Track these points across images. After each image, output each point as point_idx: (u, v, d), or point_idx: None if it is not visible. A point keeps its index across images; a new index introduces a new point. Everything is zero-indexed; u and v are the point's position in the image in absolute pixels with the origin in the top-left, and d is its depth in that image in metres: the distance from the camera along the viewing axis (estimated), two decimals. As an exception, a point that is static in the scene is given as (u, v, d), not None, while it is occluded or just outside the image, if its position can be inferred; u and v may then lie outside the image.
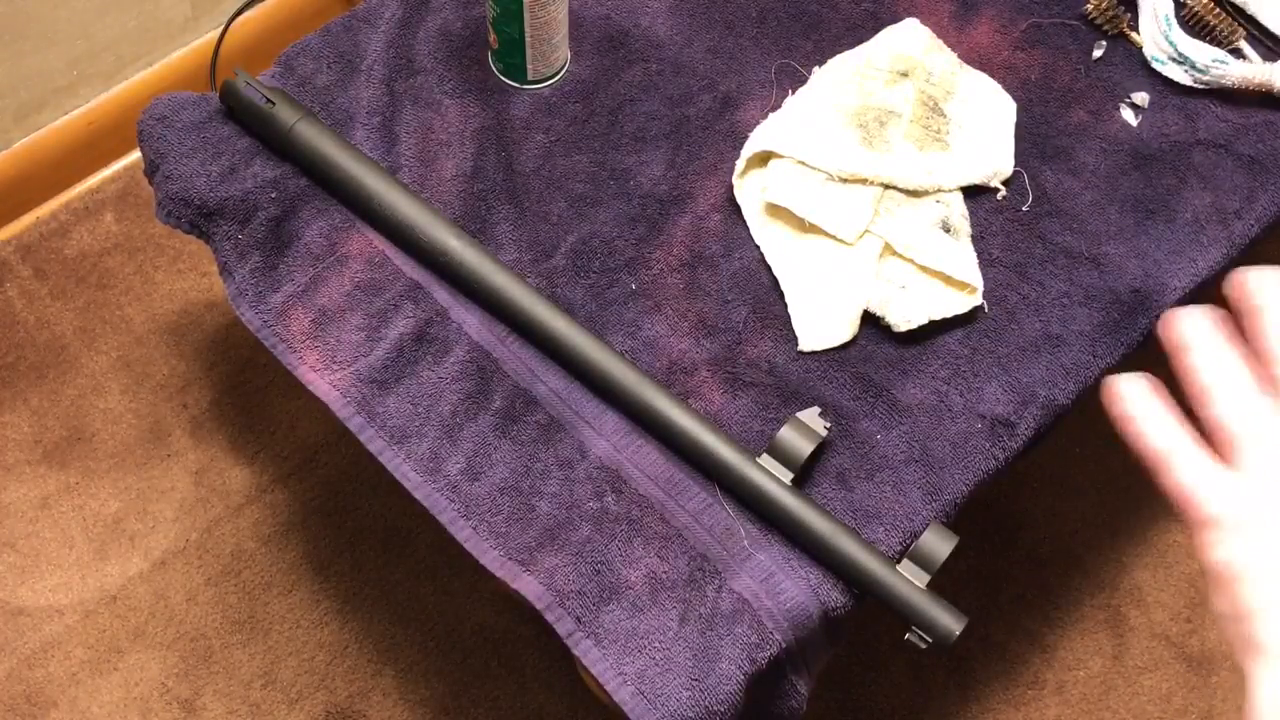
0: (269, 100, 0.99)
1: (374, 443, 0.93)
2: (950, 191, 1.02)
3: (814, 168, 1.00)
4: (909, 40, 1.07)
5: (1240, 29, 1.11)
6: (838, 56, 1.09)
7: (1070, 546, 1.34)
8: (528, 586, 0.87)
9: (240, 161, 1.01)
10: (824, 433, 0.89)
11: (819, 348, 0.96)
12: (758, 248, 1.00)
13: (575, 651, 0.85)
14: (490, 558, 0.88)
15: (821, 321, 0.97)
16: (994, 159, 1.04)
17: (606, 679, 0.84)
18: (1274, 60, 1.10)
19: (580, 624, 0.85)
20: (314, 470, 1.31)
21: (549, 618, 0.86)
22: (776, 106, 1.07)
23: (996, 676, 1.27)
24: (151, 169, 1.03)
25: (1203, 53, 1.08)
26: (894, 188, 1.00)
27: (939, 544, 0.88)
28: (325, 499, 1.30)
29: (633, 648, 0.85)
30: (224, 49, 1.40)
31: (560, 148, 1.05)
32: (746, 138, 1.04)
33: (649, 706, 0.83)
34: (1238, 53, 1.11)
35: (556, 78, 1.08)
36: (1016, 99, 1.08)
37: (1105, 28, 1.12)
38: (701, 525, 0.89)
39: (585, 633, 0.85)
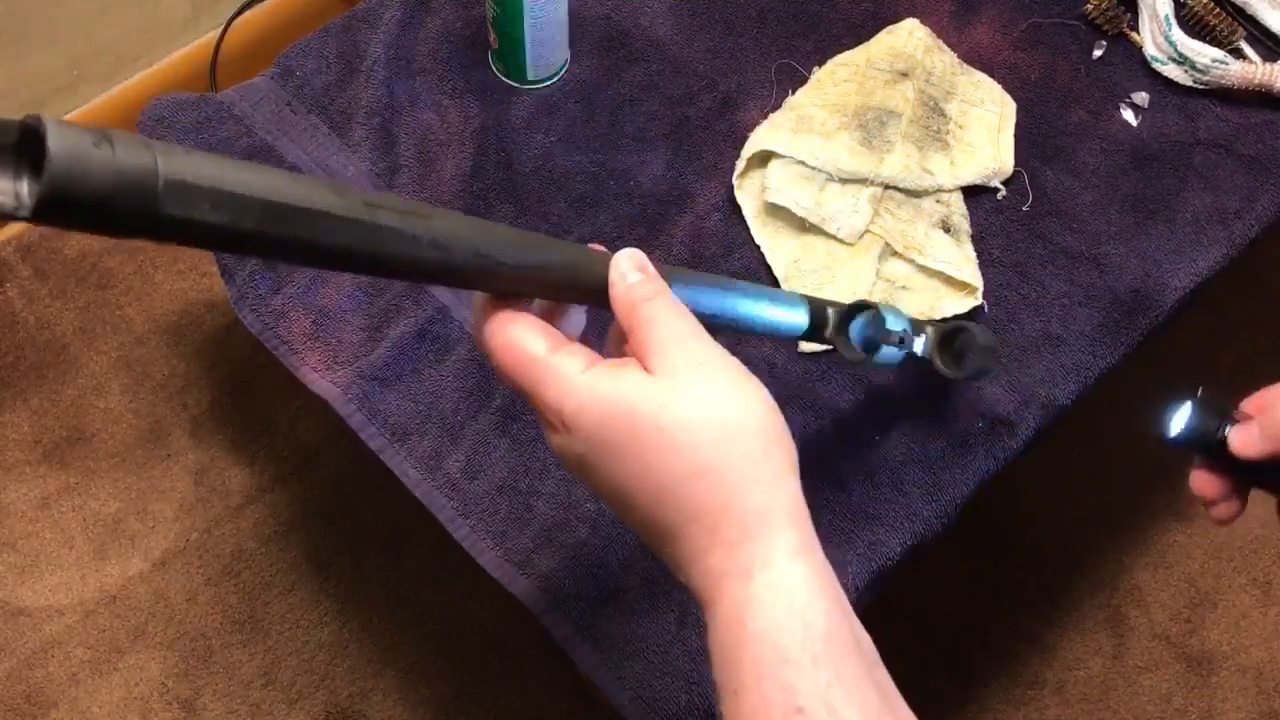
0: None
1: (375, 440, 0.93)
2: (950, 191, 1.02)
3: (814, 168, 1.00)
4: (909, 40, 1.07)
5: (1240, 29, 1.11)
6: (838, 56, 1.08)
7: (1070, 546, 1.34)
8: (524, 590, 0.87)
9: (240, 162, 1.01)
10: None
11: (819, 348, 0.96)
12: (757, 247, 1.00)
13: (573, 656, 0.85)
14: (488, 558, 0.88)
15: (821, 322, 0.96)
16: (994, 159, 1.04)
17: (604, 683, 0.84)
18: (1274, 60, 1.10)
19: (577, 628, 0.85)
20: (314, 470, 1.31)
21: (545, 622, 0.86)
22: (776, 106, 1.07)
23: (996, 676, 1.27)
24: (151, 169, 1.03)
25: (1203, 53, 1.08)
26: (894, 187, 1.00)
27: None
28: (325, 499, 1.30)
29: (630, 651, 0.84)
30: (224, 49, 1.40)
31: (560, 148, 1.05)
32: (746, 138, 1.04)
33: (648, 710, 0.83)
34: (1238, 53, 1.11)
35: (556, 78, 1.08)
36: (1016, 99, 1.08)
37: (1105, 28, 1.12)
38: (701, 525, 0.89)
39: (583, 637, 0.85)
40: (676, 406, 0.50)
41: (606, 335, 0.60)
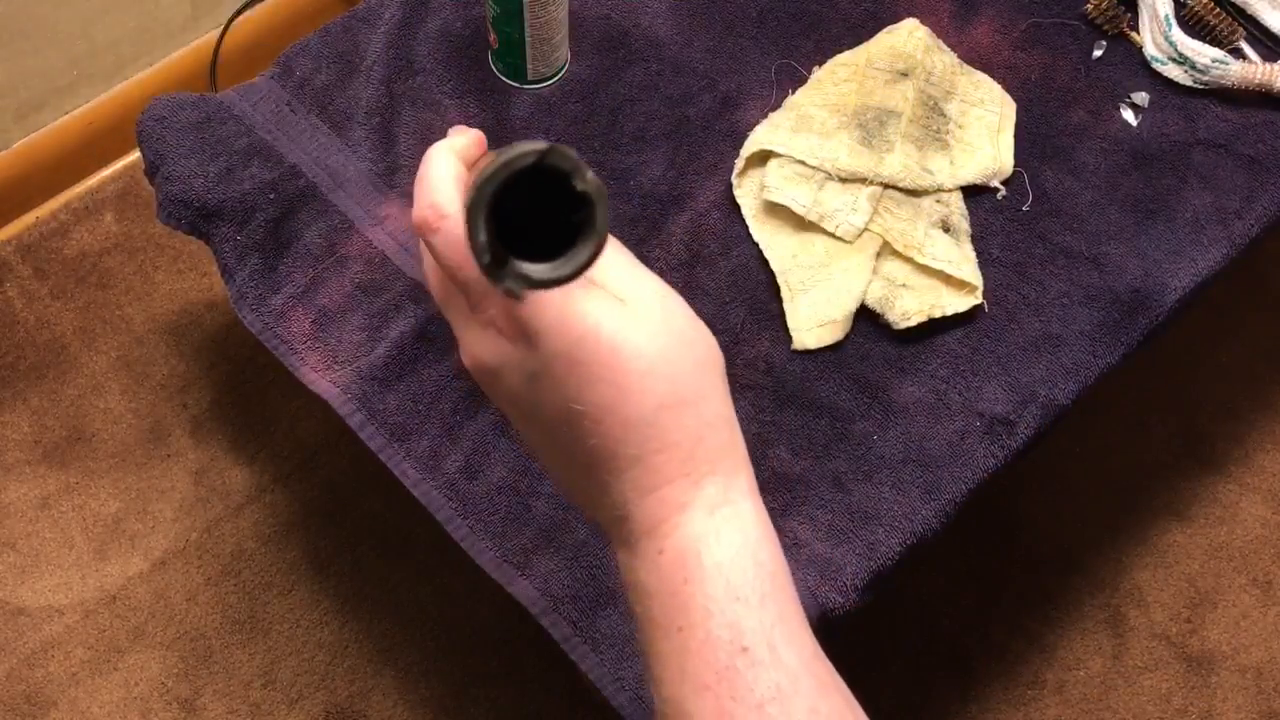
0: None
1: (374, 440, 0.93)
2: (950, 191, 1.02)
3: (813, 167, 1.00)
4: (909, 40, 1.07)
5: (1240, 29, 1.11)
6: (838, 56, 1.08)
7: (1070, 546, 1.34)
8: (523, 591, 0.87)
9: (238, 162, 1.01)
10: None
11: (811, 346, 0.96)
12: (756, 245, 1.00)
13: (572, 657, 0.85)
14: (486, 558, 0.88)
15: (815, 321, 0.96)
16: (994, 159, 1.04)
17: (603, 685, 0.84)
18: (1274, 60, 1.10)
19: (576, 629, 0.85)
20: (314, 470, 1.31)
21: (544, 623, 0.86)
22: (776, 106, 1.07)
23: (996, 676, 1.27)
24: (152, 170, 1.03)
25: (1203, 53, 1.08)
26: (894, 187, 1.00)
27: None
28: (325, 499, 1.30)
29: (629, 652, 0.84)
30: (224, 49, 1.40)
31: (560, 148, 1.05)
32: (746, 137, 1.04)
33: (647, 711, 0.83)
34: (1238, 53, 1.11)
35: (556, 78, 1.08)
36: (1016, 99, 1.08)
37: (1105, 28, 1.12)
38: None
39: (581, 638, 0.85)
40: (657, 337, 0.48)
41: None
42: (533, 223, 0.44)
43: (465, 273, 0.48)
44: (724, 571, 0.48)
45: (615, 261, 0.50)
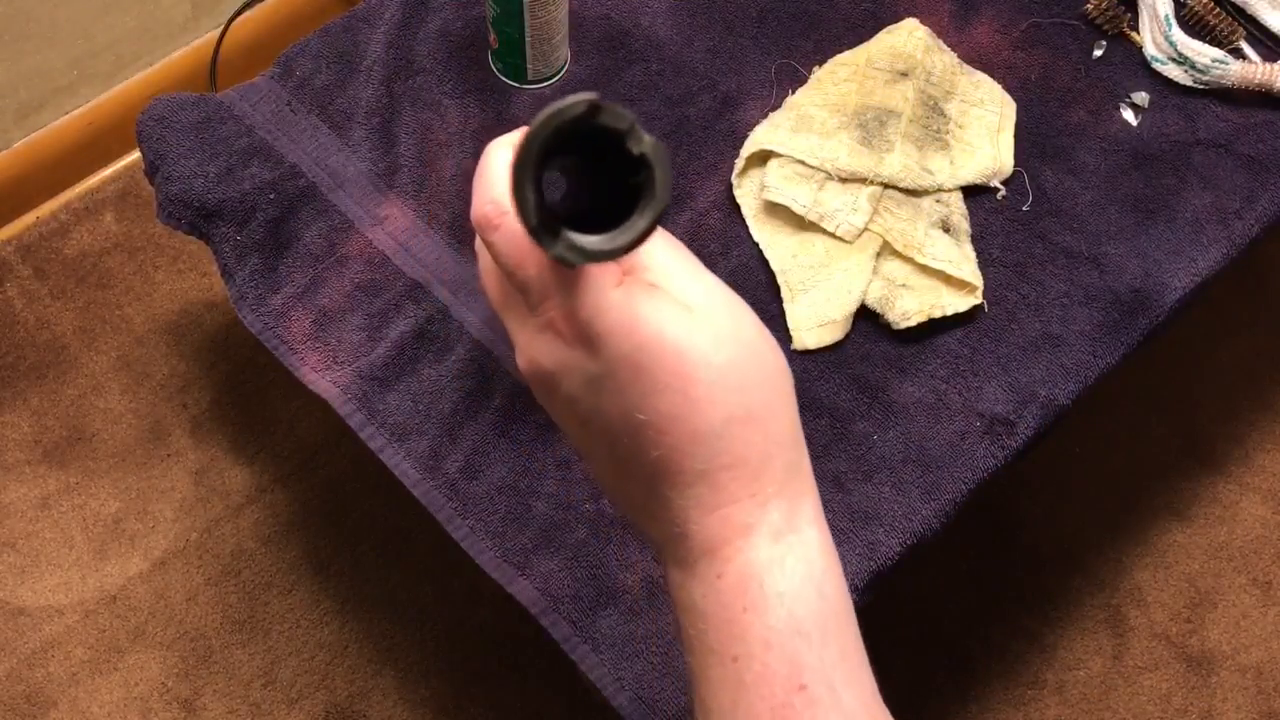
0: None
1: (374, 440, 0.93)
2: (950, 191, 1.02)
3: (813, 167, 1.00)
4: (909, 40, 1.07)
5: (1240, 29, 1.11)
6: (837, 56, 1.08)
7: (1070, 546, 1.34)
8: (523, 591, 0.87)
9: (238, 162, 1.01)
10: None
11: (811, 346, 0.96)
12: (756, 245, 1.00)
13: (572, 657, 0.85)
14: (486, 558, 0.88)
15: (815, 321, 0.97)
16: (994, 159, 1.04)
17: (604, 684, 0.84)
18: (1274, 60, 1.10)
19: (576, 629, 0.85)
20: (314, 470, 1.31)
21: (544, 623, 0.86)
22: (776, 106, 1.07)
23: (996, 676, 1.27)
24: (152, 170, 1.03)
25: (1203, 53, 1.08)
26: (894, 187, 1.00)
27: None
28: (325, 499, 1.30)
29: (630, 653, 0.84)
30: (224, 49, 1.40)
31: (560, 148, 1.05)
32: (746, 137, 1.04)
33: (647, 711, 0.83)
34: (1238, 53, 1.11)
35: (556, 78, 1.08)
36: (1016, 99, 1.08)
37: (1105, 28, 1.12)
38: (701, 525, 0.89)
39: (582, 638, 0.85)
40: (725, 346, 0.45)
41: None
42: (592, 199, 0.42)
43: (525, 272, 0.46)
44: (786, 603, 0.45)
45: (681, 266, 0.47)
